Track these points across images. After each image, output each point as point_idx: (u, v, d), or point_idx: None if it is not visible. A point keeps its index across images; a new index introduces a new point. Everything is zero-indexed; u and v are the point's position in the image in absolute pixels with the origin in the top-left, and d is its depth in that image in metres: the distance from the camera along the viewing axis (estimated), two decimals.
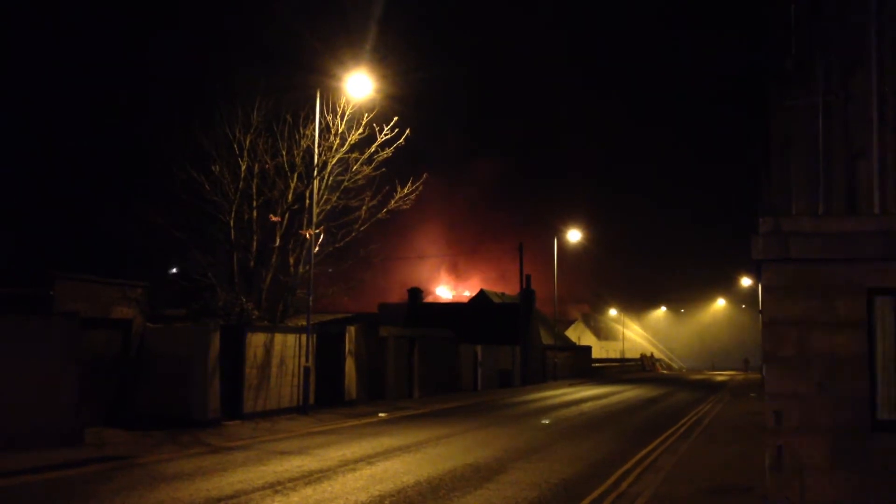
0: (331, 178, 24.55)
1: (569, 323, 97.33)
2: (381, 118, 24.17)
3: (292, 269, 24.36)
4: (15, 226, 31.66)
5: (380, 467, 13.42)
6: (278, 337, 21.98)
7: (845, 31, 15.40)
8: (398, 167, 25.60)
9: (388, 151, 24.44)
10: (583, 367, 59.68)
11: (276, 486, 11.58)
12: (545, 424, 21.36)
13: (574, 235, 51.94)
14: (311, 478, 12.34)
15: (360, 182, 24.85)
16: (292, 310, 24.68)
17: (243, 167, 23.52)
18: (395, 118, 24.06)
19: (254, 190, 23.79)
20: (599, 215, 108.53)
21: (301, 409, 22.11)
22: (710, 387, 45.29)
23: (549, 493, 11.41)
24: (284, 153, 23.94)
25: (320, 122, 23.61)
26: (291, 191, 24.12)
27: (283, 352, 22.11)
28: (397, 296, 61.25)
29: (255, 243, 23.72)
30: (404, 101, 25.33)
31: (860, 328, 8.81)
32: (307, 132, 23.96)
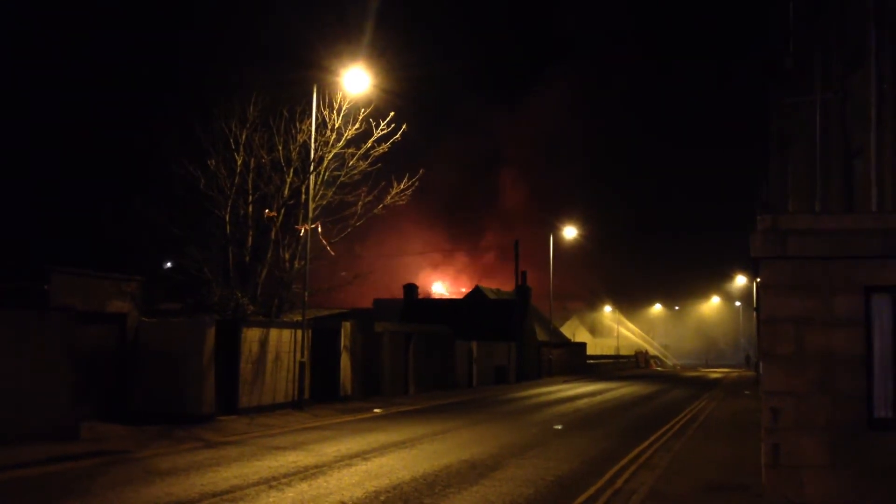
0: (327, 174, 24.47)
1: (564, 319, 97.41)
2: (377, 114, 24.10)
3: (287, 264, 24.29)
4: (9, 220, 31.55)
5: (375, 463, 13.40)
6: (273, 332, 21.94)
7: (844, 30, 15.41)
8: (395, 163, 25.53)
9: (384, 147, 24.32)
10: (577, 363, 59.64)
11: (271, 482, 11.56)
12: (540, 421, 21.37)
13: (570, 232, 51.97)
14: (306, 473, 12.32)
15: (356, 177, 24.77)
16: (288, 305, 24.62)
17: (239, 162, 23.47)
18: (392, 113, 23.99)
19: (249, 185, 23.74)
20: (595, 212, 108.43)
21: (296, 405, 22.08)
22: (704, 384, 45.36)
23: (545, 490, 11.40)
24: (280, 148, 23.86)
25: (317, 117, 23.52)
26: (287, 186, 24.05)
27: (279, 347, 22.07)
28: (393, 292, 61.18)
29: (250, 238, 23.66)
30: (401, 97, 25.25)
31: (857, 326, 8.81)
32: (303, 127, 23.86)
